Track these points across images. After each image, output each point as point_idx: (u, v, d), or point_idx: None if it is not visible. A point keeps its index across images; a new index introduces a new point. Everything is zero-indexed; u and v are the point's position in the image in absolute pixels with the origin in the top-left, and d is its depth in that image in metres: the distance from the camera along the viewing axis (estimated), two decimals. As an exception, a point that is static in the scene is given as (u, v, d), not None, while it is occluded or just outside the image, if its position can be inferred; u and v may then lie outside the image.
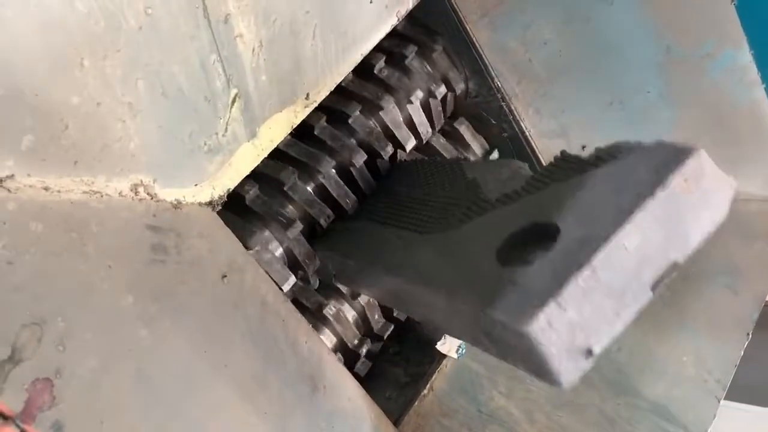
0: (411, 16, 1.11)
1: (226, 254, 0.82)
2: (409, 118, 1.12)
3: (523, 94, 1.18)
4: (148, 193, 0.73)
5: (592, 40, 1.14)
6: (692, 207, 0.64)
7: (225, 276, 0.78)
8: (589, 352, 0.59)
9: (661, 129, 1.21)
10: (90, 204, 0.66)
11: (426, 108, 1.14)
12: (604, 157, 0.73)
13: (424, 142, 1.17)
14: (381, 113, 1.08)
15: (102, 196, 0.67)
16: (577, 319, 0.57)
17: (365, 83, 1.09)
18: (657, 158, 0.67)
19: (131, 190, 0.71)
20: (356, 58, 0.97)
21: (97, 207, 0.66)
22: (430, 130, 1.17)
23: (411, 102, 1.12)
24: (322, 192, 1.04)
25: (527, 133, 1.21)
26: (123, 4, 0.60)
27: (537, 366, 0.59)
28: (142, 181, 0.72)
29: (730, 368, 1.11)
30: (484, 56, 1.15)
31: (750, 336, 1.14)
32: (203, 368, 0.70)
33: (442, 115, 1.21)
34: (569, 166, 0.76)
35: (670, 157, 0.66)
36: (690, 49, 1.14)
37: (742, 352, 1.13)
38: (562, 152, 0.80)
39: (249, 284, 0.83)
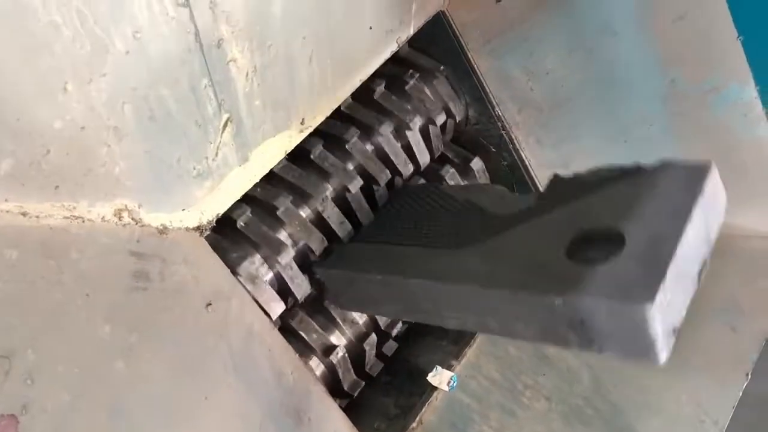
0: (412, 43, 1.10)
1: (211, 281, 0.80)
2: (407, 144, 1.11)
3: (524, 123, 1.17)
4: (132, 218, 0.71)
5: (596, 71, 1.12)
6: (710, 210, 0.75)
7: (209, 304, 0.77)
8: (674, 331, 0.68)
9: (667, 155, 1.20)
10: (70, 230, 0.64)
11: (425, 135, 1.13)
12: (628, 171, 0.83)
13: (422, 169, 1.15)
14: (379, 139, 1.06)
15: (84, 221, 0.65)
16: (671, 300, 0.66)
17: (363, 108, 1.08)
18: (684, 170, 0.79)
19: (115, 215, 0.69)
20: (354, 83, 0.96)
21: (77, 233, 0.64)
22: (428, 158, 1.15)
23: (410, 128, 1.11)
24: (317, 217, 1.02)
25: (527, 163, 1.20)
26: (110, 29, 0.58)
27: (642, 346, 0.66)
28: (126, 206, 0.70)
29: (728, 409, 1.08)
30: (485, 84, 1.14)
31: (749, 377, 1.11)
32: (182, 401, 0.67)
33: (441, 142, 1.19)
34: (591, 178, 0.87)
35: (694, 171, 0.78)
36: (695, 82, 1.13)
37: (741, 393, 1.10)
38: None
39: (235, 313, 0.81)
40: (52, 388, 0.54)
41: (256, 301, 0.89)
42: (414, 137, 1.10)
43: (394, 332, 1.16)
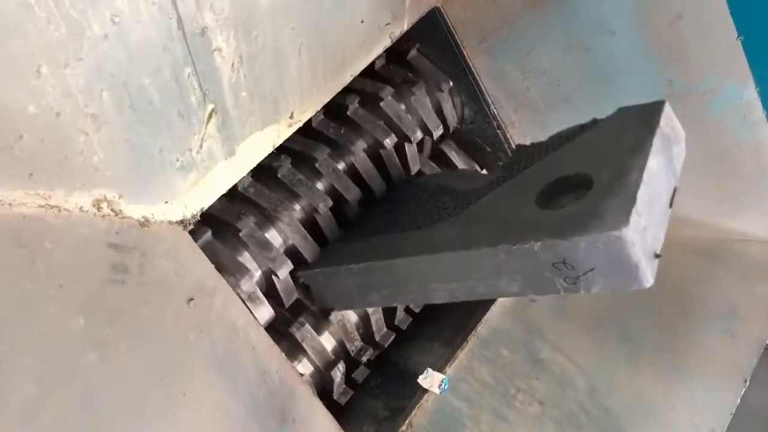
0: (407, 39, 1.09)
1: (195, 276, 0.78)
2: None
3: (520, 122, 1.15)
4: (112, 210, 0.70)
5: (593, 70, 1.11)
6: (671, 143, 0.79)
7: (192, 299, 0.75)
8: (656, 255, 0.70)
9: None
10: (45, 219, 0.62)
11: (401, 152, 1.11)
12: (586, 126, 0.90)
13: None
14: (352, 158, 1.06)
15: (60, 210, 0.64)
16: (646, 225, 0.68)
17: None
18: (637, 113, 0.84)
19: (93, 206, 0.67)
20: (345, 78, 0.94)
21: (53, 222, 0.63)
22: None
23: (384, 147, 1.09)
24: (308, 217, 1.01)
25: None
26: (87, 11, 0.57)
27: (626, 273, 0.68)
28: (105, 197, 0.68)
29: (725, 417, 1.06)
30: (480, 82, 1.12)
31: (747, 383, 1.09)
32: (159, 396, 0.65)
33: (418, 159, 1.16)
34: (554, 141, 0.92)
35: (648, 110, 0.83)
36: (693, 83, 1.11)
37: (738, 400, 1.08)
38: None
39: (218, 309, 0.79)
40: (19, 381, 0.52)
41: (266, 269, 0.87)
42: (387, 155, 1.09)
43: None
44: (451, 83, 1.16)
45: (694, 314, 1.16)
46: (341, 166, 1.06)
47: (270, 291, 0.99)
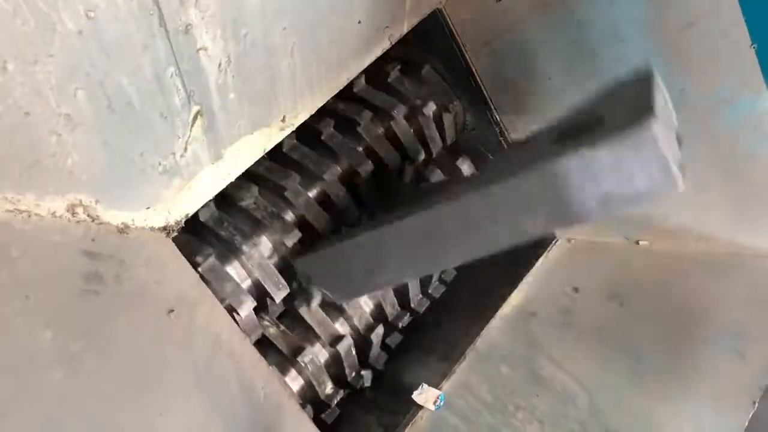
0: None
1: (176, 286, 0.74)
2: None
3: (524, 130, 1.11)
4: (88, 215, 0.66)
5: (600, 79, 1.06)
6: (665, 98, 0.72)
7: (172, 311, 0.71)
8: (680, 166, 0.65)
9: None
10: (13, 224, 0.58)
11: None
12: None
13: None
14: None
15: (30, 216, 0.60)
16: (667, 138, 0.64)
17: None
18: (633, 81, 0.77)
19: (68, 211, 0.64)
20: (341, 81, 0.90)
21: (21, 228, 0.59)
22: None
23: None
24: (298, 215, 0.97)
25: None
26: (57, 4, 0.53)
27: (660, 175, 0.64)
28: (81, 201, 0.65)
29: (733, 438, 1.02)
30: (483, 87, 1.08)
31: (756, 405, 1.04)
32: (130, 417, 0.62)
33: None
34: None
35: (642, 76, 0.76)
36: (705, 93, 1.07)
37: (747, 423, 1.03)
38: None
39: (200, 320, 0.75)
40: (-26, 401, 0.49)
41: (226, 306, 0.83)
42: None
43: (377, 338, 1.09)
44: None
45: (703, 332, 1.11)
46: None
47: (259, 298, 0.95)
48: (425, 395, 0.99)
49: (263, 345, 0.96)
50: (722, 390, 1.06)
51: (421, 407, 0.99)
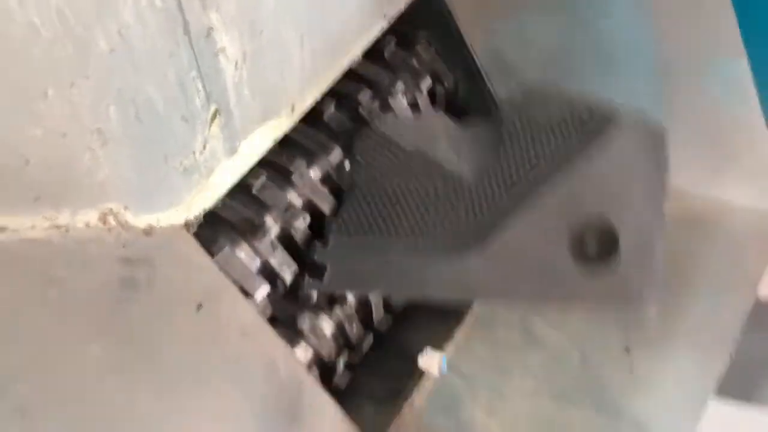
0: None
1: (200, 280, 0.76)
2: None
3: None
4: (118, 222, 0.67)
5: (590, 51, 1.09)
6: None
7: (201, 306, 0.73)
8: None
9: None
10: (53, 241, 0.59)
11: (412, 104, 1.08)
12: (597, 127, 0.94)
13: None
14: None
15: (67, 230, 0.61)
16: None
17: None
18: (643, 135, 0.96)
19: (100, 220, 0.65)
20: (343, 64, 0.91)
21: (61, 243, 0.60)
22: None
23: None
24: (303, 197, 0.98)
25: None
26: (93, 27, 0.53)
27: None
28: (111, 210, 0.66)
29: (711, 386, 1.10)
30: (477, 61, 1.09)
31: (733, 356, 1.13)
32: (177, 416, 0.65)
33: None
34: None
35: (651, 135, 0.96)
36: (688, 53, 1.10)
37: (725, 369, 1.12)
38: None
39: (226, 311, 0.77)
40: (45, 422, 0.51)
41: (242, 290, 0.85)
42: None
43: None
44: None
45: (681, 286, 1.18)
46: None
47: (269, 276, 0.97)
48: (429, 359, 1.04)
49: (271, 320, 0.99)
50: (702, 341, 1.14)
51: (425, 371, 1.04)
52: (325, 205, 0.99)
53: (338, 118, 1.02)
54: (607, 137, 0.93)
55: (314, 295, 1.01)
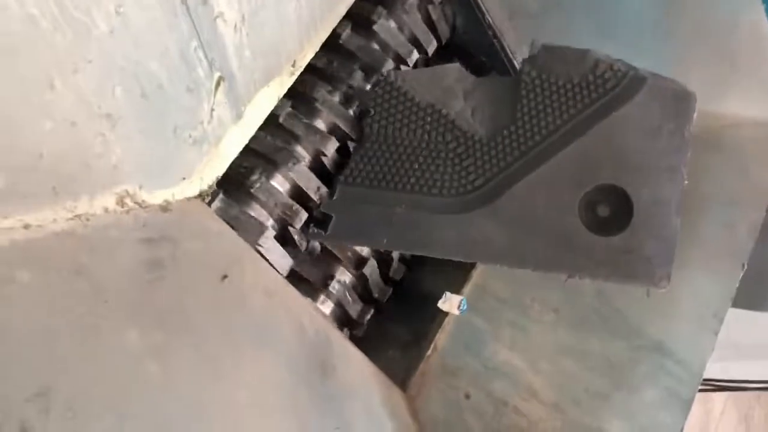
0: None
1: (223, 250, 0.76)
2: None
3: (516, 30, 1.10)
4: (135, 202, 0.66)
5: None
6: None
7: (225, 276, 0.73)
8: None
9: (655, 55, 1.15)
10: (76, 231, 0.58)
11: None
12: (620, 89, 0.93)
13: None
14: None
15: (88, 218, 0.60)
16: None
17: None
18: (668, 99, 0.93)
19: (117, 203, 0.64)
20: (340, 12, 0.88)
21: (83, 233, 0.59)
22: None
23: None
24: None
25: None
26: (91, 9, 0.50)
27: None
28: (127, 191, 0.64)
29: (726, 302, 1.12)
30: (474, -8, 1.06)
31: (745, 266, 1.14)
32: (216, 390, 0.65)
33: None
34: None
35: (678, 99, 0.94)
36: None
37: (738, 284, 1.13)
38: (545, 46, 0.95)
39: (249, 278, 0.78)
40: (96, 416, 0.51)
41: (265, 259, 0.85)
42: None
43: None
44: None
45: (692, 205, 1.18)
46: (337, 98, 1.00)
47: (285, 240, 0.96)
48: (449, 302, 1.05)
49: (291, 278, 0.99)
50: (714, 258, 1.15)
51: (446, 313, 1.06)
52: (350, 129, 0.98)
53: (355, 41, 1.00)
54: (632, 102, 0.91)
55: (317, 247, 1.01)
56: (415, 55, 1.04)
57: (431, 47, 1.07)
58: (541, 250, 0.89)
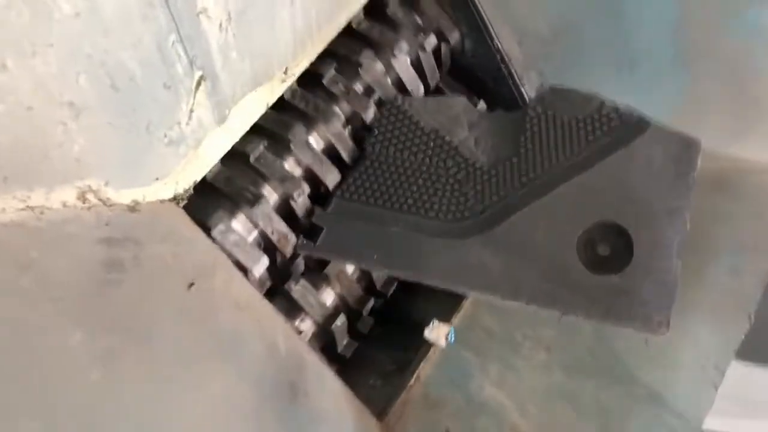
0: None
1: (193, 256, 0.73)
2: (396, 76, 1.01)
3: (525, 55, 1.07)
4: (99, 199, 0.63)
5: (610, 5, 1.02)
6: None
7: (192, 284, 0.69)
8: None
9: (673, 95, 1.12)
10: (27, 223, 0.55)
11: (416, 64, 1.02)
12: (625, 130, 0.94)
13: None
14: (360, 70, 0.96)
15: (42, 211, 0.57)
16: None
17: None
18: (671, 145, 0.93)
19: (78, 199, 0.61)
20: (341, 22, 0.85)
21: (36, 226, 0.56)
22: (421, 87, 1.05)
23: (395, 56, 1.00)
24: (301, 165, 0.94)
25: (527, 98, 1.10)
26: (53, -11, 0.48)
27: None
28: (90, 187, 0.61)
29: (729, 354, 1.06)
30: (482, 12, 1.03)
31: (753, 318, 1.08)
32: (168, 402, 0.61)
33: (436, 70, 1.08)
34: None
35: (683, 146, 0.94)
36: (711, 6, 1.03)
37: (743, 336, 1.07)
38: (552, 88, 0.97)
39: (220, 288, 0.74)
40: (21, 421, 0.48)
41: (239, 265, 0.82)
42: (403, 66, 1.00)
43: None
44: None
45: (701, 249, 1.13)
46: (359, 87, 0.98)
47: (266, 245, 0.93)
48: (437, 331, 1.00)
49: (270, 294, 0.95)
50: (719, 307, 1.09)
51: (432, 343, 1.01)
52: (328, 174, 0.94)
53: (339, 81, 0.97)
54: (636, 143, 0.93)
55: (301, 264, 0.98)
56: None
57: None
58: (536, 283, 0.87)
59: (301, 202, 0.90)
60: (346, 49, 0.96)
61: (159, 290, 0.65)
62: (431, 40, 1.05)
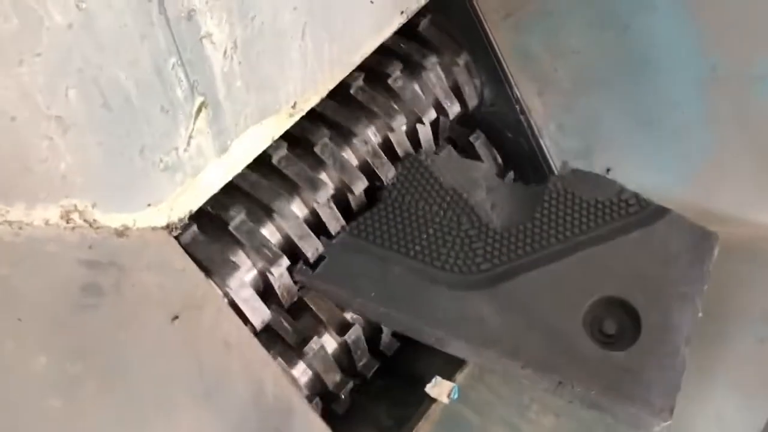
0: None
1: (180, 288, 0.70)
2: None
3: (545, 106, 1.05)
4: (84, 220, 0.61)
5: (629, 51, 1.00)
6: None
7: (176, 317, 0.66)
8: None
9: (696, 154, 1.08)
10: (3, 238, 0.53)
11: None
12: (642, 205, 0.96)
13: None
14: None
15: (21, 227, 0.55)
16: None
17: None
18: (688, 234, 0.95)
19: (62, 218, 0.59)
20: (354, 61, 0.84)
21: (11, 241, 0.54)
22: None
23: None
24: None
25: (546, 151, 1.08)
26: (44, -2, 0.47)
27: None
28: (76, 206, 0.59)
29: (755, 429, 0.99)
30: (503, 62, 1.01)
31: (778, 394, 1.01)
32: (135, 440, 0.58)
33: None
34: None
35: (699, 238, 0.95)
36: (739, 67, 1.00)
37: (768, 416, 1.00)
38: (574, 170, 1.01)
39: (207, 323, 0.70)
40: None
41: (236, 308, 0.79)
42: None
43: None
44: (469, 56, 1.05)
45: (725, 319, 1.07)
46: (346, 154, 0.96)
47: (266, 290, 0.90)
48: (439, 388, 0.95)
49: (268, 335, 0.92)
50: (744, 381, 1.02)
51: (434, 399, 0.96)
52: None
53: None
54: (654, 227, 0.94)
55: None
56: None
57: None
58: (536, 346, 0.85)
59: (278, 274, 0.88)
60: (341, 117, 0.97)
61: (138, 320, 0.62)
62: (431, 114, 1.04)
